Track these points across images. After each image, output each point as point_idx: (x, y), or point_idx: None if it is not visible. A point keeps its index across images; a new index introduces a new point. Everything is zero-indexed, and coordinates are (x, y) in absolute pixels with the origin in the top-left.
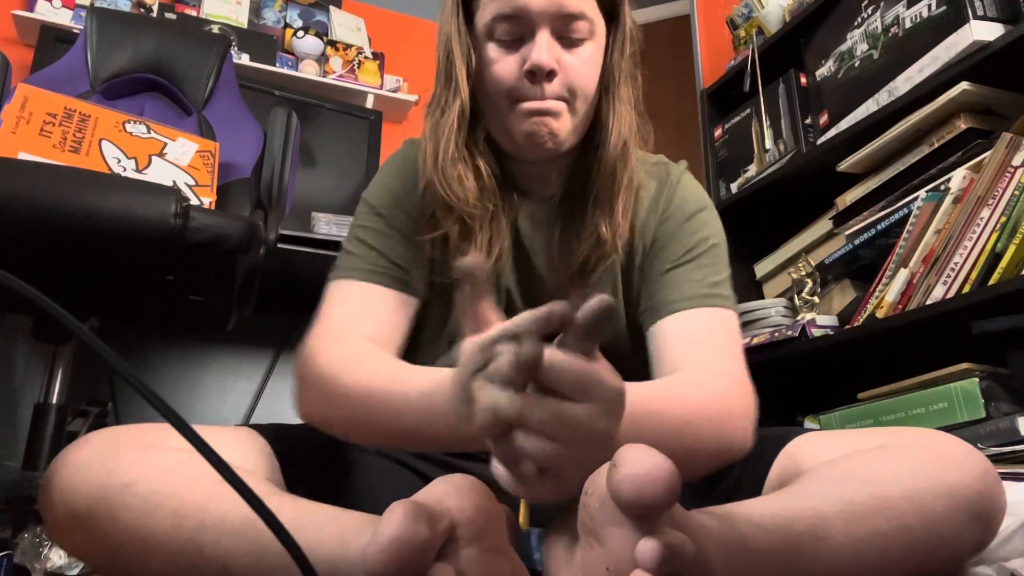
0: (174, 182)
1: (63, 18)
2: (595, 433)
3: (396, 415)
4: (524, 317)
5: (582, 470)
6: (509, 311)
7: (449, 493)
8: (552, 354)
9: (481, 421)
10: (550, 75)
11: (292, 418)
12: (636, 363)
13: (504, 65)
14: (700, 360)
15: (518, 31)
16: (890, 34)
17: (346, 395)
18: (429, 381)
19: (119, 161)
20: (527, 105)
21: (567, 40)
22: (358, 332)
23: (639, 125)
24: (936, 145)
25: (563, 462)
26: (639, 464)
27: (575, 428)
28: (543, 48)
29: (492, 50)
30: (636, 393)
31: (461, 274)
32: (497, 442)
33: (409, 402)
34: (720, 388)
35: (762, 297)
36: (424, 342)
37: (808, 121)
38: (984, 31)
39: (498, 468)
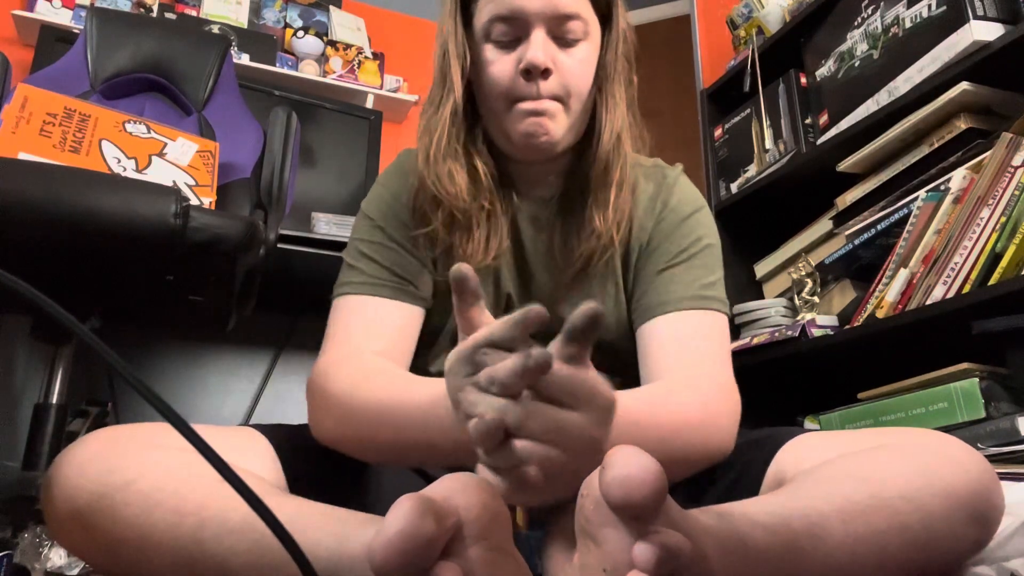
0: (174, 182)
1: (63, 18)
2: (590, 440)
3: (402, 429)
4: (501, 325)
5: (574, 476)
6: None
7: (456, 490)
8: (554, 363)
9: (479, 430)
10: (545, 73)
11: (292, 418)
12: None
13: (500, 65)
14: (686, 365)
15: (514, 32)
16: (890, 34)
17: (357, 413)
18: (431, 393)
19: (119, 161)
20: (523, 105)
21: (562, 40)
22: (368, 349)
23: (633, 124)
24: (936, 145)
25: (558, 468)
26: (626, 465)
27: (572, 436)
28: (538, 47)
29: (489, 51)
30: (623, 403)
31: (452, 281)
32: (493, 451)
33: (413, 415)
34: (705, 395)
35: (762, 297)
36: (427, 341)
37: (808, 121)
38: (984, 31)
39: (488, 476)
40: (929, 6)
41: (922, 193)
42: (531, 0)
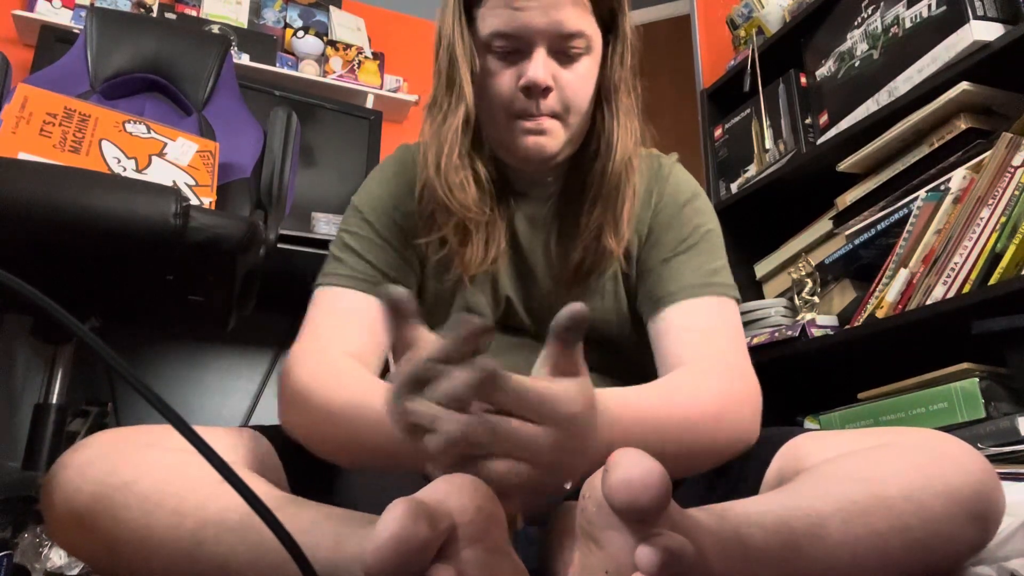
0: (174, 182)
1: (63, 18)
2: (557, 454)
3: (361, 433)
4: (443, 340)
5: (554, 483)
6: (509, 317)
7: (450, 492)
8: (503, 375)
9: (438, 445)
10: (545, 92)
11: None
12: (643, 358)
13: (501, 79)
14: (701, 354)
15: (516, 46)
16: (890, 34)
17: (319, 411)
18: None
19: (119, 161)
20: (522, 123)
21: (564, 56)
22: (339, 344)
23: (638, 130)
24: (936, 145)
25: (526, 483)
26: (630, 469)
27: (536, 451)
28: (539, 66)
29: (491, 62)
30: (634, 399)
31: (385, 303)
32: (455, 469)
33: (372, 420)
34: (722, 383)
35: (762, 297)
36: None
37: (808, 121)
38: (984, 31)
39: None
40: (929, 6)
41: (922, 193)
42: (535, 18)
